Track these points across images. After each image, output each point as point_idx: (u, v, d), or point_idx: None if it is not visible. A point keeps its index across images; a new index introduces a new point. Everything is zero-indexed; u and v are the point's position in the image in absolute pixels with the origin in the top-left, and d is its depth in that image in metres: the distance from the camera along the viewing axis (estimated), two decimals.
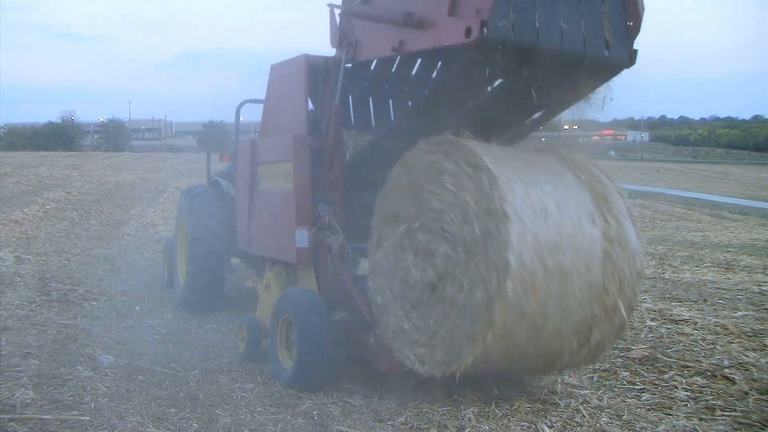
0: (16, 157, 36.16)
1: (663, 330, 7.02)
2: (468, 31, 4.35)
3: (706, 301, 8.67)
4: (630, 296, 4.65)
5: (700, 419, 4.56)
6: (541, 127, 5.56)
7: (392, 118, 6.20)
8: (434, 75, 5.86)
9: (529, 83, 4.83)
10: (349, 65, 5.50)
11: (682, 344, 6.47)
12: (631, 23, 4.85)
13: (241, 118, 8.44)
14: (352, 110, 6.17)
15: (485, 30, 4.24)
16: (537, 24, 4.50)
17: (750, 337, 6.56)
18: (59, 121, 77.68)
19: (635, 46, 4.89)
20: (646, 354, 6.07)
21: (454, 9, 4.50)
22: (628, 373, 5.59)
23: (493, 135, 5.48)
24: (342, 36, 5.46)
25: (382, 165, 5.24)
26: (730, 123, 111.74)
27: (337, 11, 5.55)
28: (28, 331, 6.35)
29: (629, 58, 4.90)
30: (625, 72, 4.91)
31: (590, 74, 4.92)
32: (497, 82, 5.01)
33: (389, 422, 4.43)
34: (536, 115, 5.37)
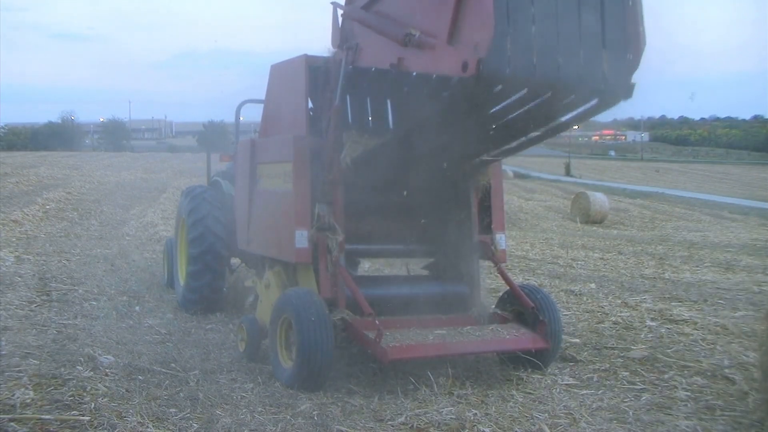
0: (16, 157, 36.18)
1: (663, 330, 7.03)
2: (464, 66, 4.36)
3: (706, 301, 8.68)
4: None
5: (700, 419, 4.56)
6: (541, 143, 5.56)
7: (390, 122, 6.19)
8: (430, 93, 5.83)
9: (526, 111, 4.85)
10: (350, 67, 5.49)
11: (682, 344, 6.47)
12: (631, 56, 4.80)
13: (241, 118, 8.44)
14: (350, 111, 6.16)
15: (481, 67, 4.24)
16: (534, 59, 4.47)
17: (750, 337, 6.56)
18: (59, 121, 77.84)
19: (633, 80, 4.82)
20: (646, 354, 6.08)
21: (452, 37, 4.48)
22: (628, 373, 5.59)
23: (491, 146, 5.50)
24: (343, 38, 5.44)
25: (381, 166, 5.24)
26: (730, 123, 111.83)
27: (340, 11, 5.52)
28: (28, 331, 6.35)
29: (626, 91, 4.89)
30: None
31: (586, 104, 4.93)
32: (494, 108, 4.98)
33: (389, 422, 4.43)
34: (533, 135, 5.34)
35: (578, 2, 4.63)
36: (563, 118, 5.11)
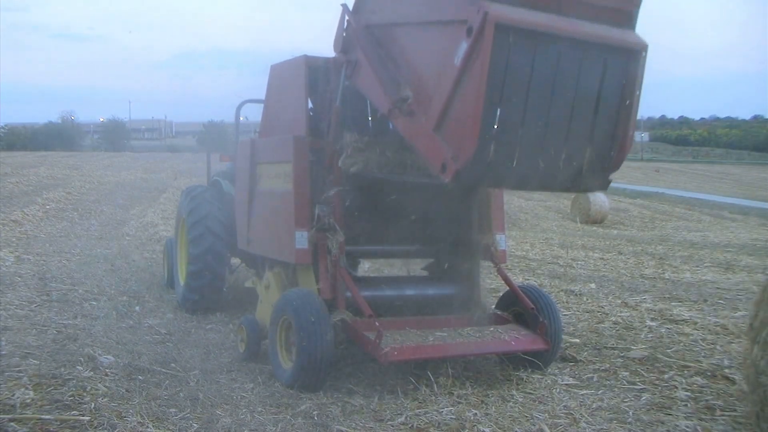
0: (16, 157, 36.17)
1: (663, 330, 7.03)
2: (443, 167, 4.42)
3: (706, 301, 8.67)
4: None
5: (700, 419, 4.56)
6: None
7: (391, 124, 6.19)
8: None
9: None
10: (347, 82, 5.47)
11: (682, 344, 6.47)
12: (614, 154, 4.87)
13: (241, 118, 8.44)
14: (350, 111, 6.16)
15: (459, 175, 4.35)
16: (514, 164, 4.52)
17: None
18: (59, 121, 77.87)
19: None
20: (646, 354, 6.07)
21: (439, 127, 4.51)
22: (628, 373, 5.59)
23: None
24: (345, 46, 5.38)
25: (381, 171, 5.24)
26: (730, 123, 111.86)
27: (347, 17, 5.40)
28: (28, 331, 6.35)
29: (602, 186, 4.99)
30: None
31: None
32: None
33: (389, 422, 4.43)
34: None
35: (571, 108, 4.64)
36: None
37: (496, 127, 4.36)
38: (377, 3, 5.23)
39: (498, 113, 4.35)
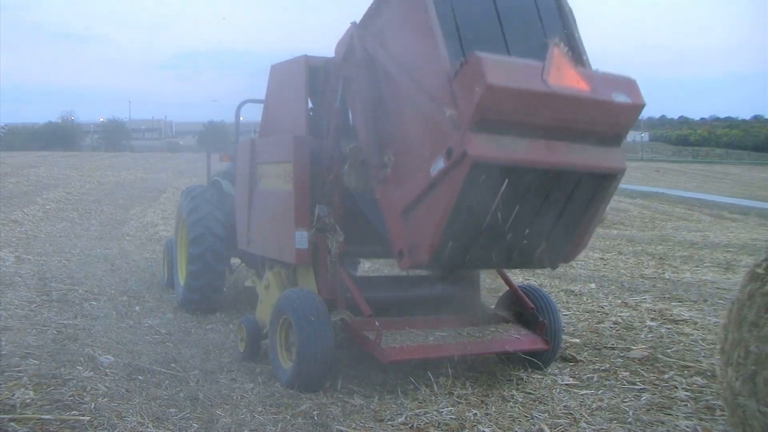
0: (16, 157, 36.15)
1: (663, 330, 7.03)
2: (400, 254, 4.73)
3: (706, 301, 8.67)
4: None
5: (700, 419, 4.56)
6: None
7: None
8: None
9: None
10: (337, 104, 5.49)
11: (682, 344, 6.47)
12: (569, 251, 5.08)
13: (241, 118, 8.44)
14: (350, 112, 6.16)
15: (413, 264, 4.70)
16: (467, 258, 4.75)
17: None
18: (59, 121, 77.79)
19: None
20: (646, 354, 6.08)
21: (405, 214, 4.69)
22: (628, 373, 5.59)
23: None
24: (346, 56, 5.30)
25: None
26: (730, 123, 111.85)
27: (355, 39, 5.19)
28: (28, 331, 6.35)
29: (552, 266, 5.19)
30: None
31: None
32: None
33: (389, 422, 4.43)
34: None
35: (534, 215, 4.75)
36: None
37: (456, 233, 4.51)
38: (383, 33, 5.01)
39: (461, 226, 4.50)
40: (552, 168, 4.55)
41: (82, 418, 4.25)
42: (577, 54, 4.86)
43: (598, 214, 4.99)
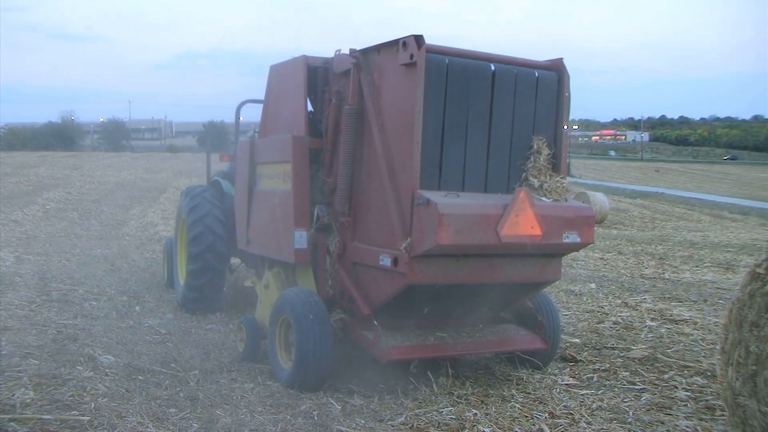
0: (16, 157, 36.19)
1: (663, 330, 7.03)
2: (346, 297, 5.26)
3: (706, 301, 8.68)
4: None
5: (700, 419, 4.56)
6: None
7: None
8: None
9: None
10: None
11: (682, 344, 6.47)
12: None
13: (241, 118, 8.44)
14: None
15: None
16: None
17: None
18: (59, 121, 77.79)
19: None
20: (646, 354, 6.08)
21: (355, 266, 5.21)
22: (628, 373, 5.59)
23: None
24: (340, 69, 5.49)
25: None
26: (730, 123, 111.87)
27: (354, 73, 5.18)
28: (28, 331, 6.35)
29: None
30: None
31: None
32: None
33: (389, 422, 4.43)
34: None
35: (472, 305, 5.46)
36: None
37: (397, 302, 4.97)
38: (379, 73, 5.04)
39: (401, 302, 4.94)
40: (489, 283, 5.01)
41: (82, 418, 4.25)
42: (557, 160, 5.28)
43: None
